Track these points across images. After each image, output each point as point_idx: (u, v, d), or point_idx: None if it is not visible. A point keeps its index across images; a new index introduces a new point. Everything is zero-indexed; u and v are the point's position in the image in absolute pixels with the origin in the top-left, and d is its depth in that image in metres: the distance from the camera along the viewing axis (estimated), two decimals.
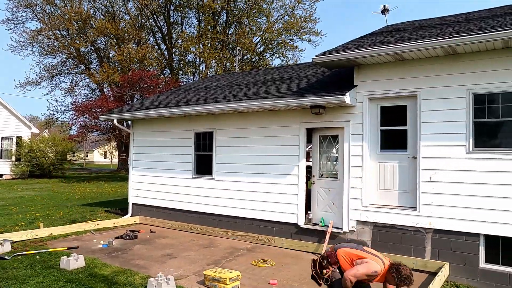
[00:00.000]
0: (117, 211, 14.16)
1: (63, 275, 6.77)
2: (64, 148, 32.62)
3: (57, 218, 12.76)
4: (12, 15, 36.60)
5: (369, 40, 8.91)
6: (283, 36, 37.70)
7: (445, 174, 7.35)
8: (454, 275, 7.11)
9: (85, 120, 30.75)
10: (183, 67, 39.91)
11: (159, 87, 31.04)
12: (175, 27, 39.73)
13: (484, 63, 7.07)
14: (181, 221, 11.39)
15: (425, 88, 7.62)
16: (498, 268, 6.79)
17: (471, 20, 8.52)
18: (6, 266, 7.24)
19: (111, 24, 34.88)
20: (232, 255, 8.54)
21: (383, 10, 11.37)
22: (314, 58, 8.48)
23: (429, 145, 7.53)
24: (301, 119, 9.27)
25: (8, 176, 29.28)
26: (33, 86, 38.88)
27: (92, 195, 19.99)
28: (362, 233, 8.25)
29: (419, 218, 7.55)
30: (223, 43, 37.32)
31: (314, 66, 12.11)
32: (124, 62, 35.22)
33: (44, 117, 40.38)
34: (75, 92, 39.98)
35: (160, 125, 12.31)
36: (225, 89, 12.33)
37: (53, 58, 39.02)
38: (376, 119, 8.33)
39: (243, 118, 10.32)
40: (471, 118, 7.14)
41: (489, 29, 6.78)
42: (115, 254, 8.48)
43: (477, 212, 6.98)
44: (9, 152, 29.54)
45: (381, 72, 8.18)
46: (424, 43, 7.11)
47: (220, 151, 10.77)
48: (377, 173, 8.30)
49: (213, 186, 10.82)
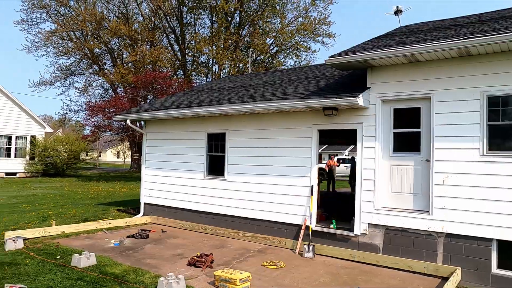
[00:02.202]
0: (129, 210, 14.26)
1: (74, 273, 6.82)
2: (78, 148, 32.96)
3: (69, 217, 12.88)
4: (26, 16, 37.22)
5: (382, 41, 8.86)
6: (297, 38, 37.66)
7: (458, 178, 7.26)
8: (466, 280, 7.01)
9: (99, 120, 31.06)
10: (196, 68, 40.08)
11: (172, 88, 31.23)
12: (188, 28, 39.91)
13: (499, 64, 6.98)
14: (192, 221, 11.42)
15: (438, 90, 7.55)
16: (510, 274, 6.68)
17: (485, 21, 8.41)
18: (19, 263, 7.32)
19: (125, 26, 35.20)
20: (242, 256, 8.54)
21: (396, 11, 11.29)
22: (327, 60, 8.45)
23: (442, 147, 7.45)
24: (313, 121, 9.24)
25: (22, 174, 29.66)
26: (47, 86, 39.49)
27: (104, 194, 20.15)
28: (373, 237, 8.19)
29: (432, 222, 7.47)
30: (236, 44, 37.38)
31: (327, 68, 12.08)
32: (138, 63, 35.48)
33: (58, 116, 40.91)
34: (89, 92, 40.49)
35: (173, 126, 12.36)
36: (238, 90, 12.35)
37: (67, 58, 39.59)
38: (389, 121, 8.27)
39: (256, 120, 10.32)
40: (485, 120, 7.05)
41: (503, 30, 6.70)
42: (126, 253, 8.53)
43: (490, 216, 6.88)
44: (23, 151, 29.92)
45: (394, 74, 8.12)
46: (437, 44, 7.04)
47: (232, 152, 10.78)
48: (389, 175, 8.24)
49: (225, 187, 10.83)
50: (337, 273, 7.43)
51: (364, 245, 8.25)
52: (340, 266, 7.86)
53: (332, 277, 7.16)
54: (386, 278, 7.20)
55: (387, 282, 6.99)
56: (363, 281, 6.99)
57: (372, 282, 6.97)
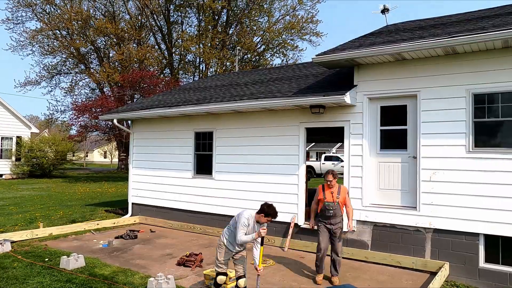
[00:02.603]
0: (117, 210, 14.17)
1: (63, 275, 6.77)
2: (64, 148, 32.60)
3: (57, 218, 12.76)
4: (12, 15, 36.61)
5: (369, 39, 8.91)
6: (284, 36, 37.73)
7: (445, 174, 7.34)
8: (454, 274, 7.11)
9: (85, 120, 30.78)
10: (183, 67, 39.90)
11: (159, 87, 31.05)
12: (175, 26, 39.68)
13: (484, 62, 7.06)
14: (181, 220, 11.39)
15: (425, 88, 7.62)
16: (498, 268, 6.78)
17: (472, 20, 8.51)
18: (7, 266, 7.24)
19: (111, 24, 34.86)
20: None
21: (383, 9, 11.38)
22: (314, 58, 8.47)
23: (429, 144, 7.53)
24: (301, 119, 9.27)
25: (8, 176, 29.29)
26: (33, 86, 38.96)
27: (92, 195, 19.99)
28: (362, 233, 8.24)
29: (419, 217, 7.55)
30: (223, 42, 37.30)
31: (314, 66, 12.11)
32: (124, 62, 35.23)
33: (44, 117, 40.42)
34: (75, 91, 40.04)
35: (160, 125, 12.30)
36: (225, 89, 12.33)
37: (53, 57, 39.05)
38: (376, 118, 8.33)
39: (243, 118, 10.32)
40: (471, 117, 7.13)
41: (489, 28, 6.78)
42: (115, 254, 8.48)
43: (477, 211, 6.97)
44: (9, 152, 29.53)
45: (381, 72, 8.17)
46: (424, 42, 7.10)
47: (220, 150, 10.76)
48: (377, 172, 8.30)
49: (213, 185, 10.82)
50: (326, 269, 7.45)
51: (353, 242, 8.30)
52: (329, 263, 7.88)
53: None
54: (375, 274, 7.26)
55: (376, 278, 7.05)
56: (352, 277, 7.04)
57: (361, 278, 7.02)
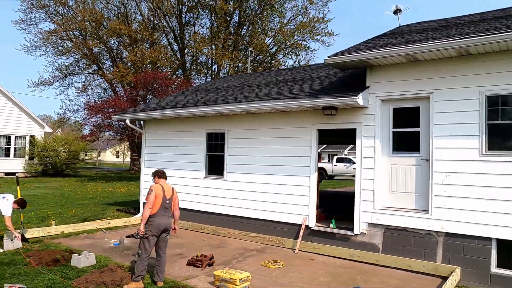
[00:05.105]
0: (129, 210, 14.25)
1: (74, 273, 6.82)
2: (77, 148, 32.92)
3: (69, 216, 12.87)
4: (25, 16, 37.15)
5: (382, 41, 8.86)
6: (296, 37, 37.62)
7: (457, 177, 7.26)
8: (465, 279, 7.02)
9: (98, 120, 31.02)
10: (196, 68, 40.07)
11: (171, 87, 31.22)
12: (187, 28, 39.89)
13: (498, 64, 6.97)
14: (191, 221, 11.41)
15: (438, 90, 7.55)
16: (510, 273, 6.68)
17: (485, 20, 8.41)
18: (18, 263, 7.32)
19: (124, 25, 35.15)
20: (242, 256, 8.54)
21: (395, 10, 11.31)
22: (326, 59, 8.44)
23: (441, 147, 7.46)
24: (313, 121, 9.24)
25: (21, 174, 29.62)
26: (46, 86, 39.41)
27: (104, 194, 20.14)
28: (373, 236, 8.19)
29: (431, 221, 7.48)
30: (235, 44, 37.37)
31: (326, 67, 12.07)
32: (137, 63, 35.46)
33: (57, 116, 40.87)
34: (88, 92, 40.44)
35: (172, 126, 12.36)
36: (237, 90, 12.35)
37: (66, 58, 39.52)
38: (388, 120, 8.27)
39: (255, 119, 10.32)
40: (485, 120, 7.05)
41: (502, 29, 6.70)
42: (126, 253, 8.53)
43: (489, 215, 6.88)
44: (22, 150, 29.89)
45: (393, 73, 8.12)
46: (437, 44, 7.04)
47: (232, 151, 10.78)
48: (389, 175, 8.24)
49: (224, 186, 10.83)
50: (336, 272, 7.43)
51: (364, 245, 8.25)
52: (340, 266, 7.86)
53: (332, 277, 7.16)
54: (385, 277, 7.21)
55: (386, 281, 6.99)
56: (362, 281, 6.99)
57: (371, 281, 6.98)
